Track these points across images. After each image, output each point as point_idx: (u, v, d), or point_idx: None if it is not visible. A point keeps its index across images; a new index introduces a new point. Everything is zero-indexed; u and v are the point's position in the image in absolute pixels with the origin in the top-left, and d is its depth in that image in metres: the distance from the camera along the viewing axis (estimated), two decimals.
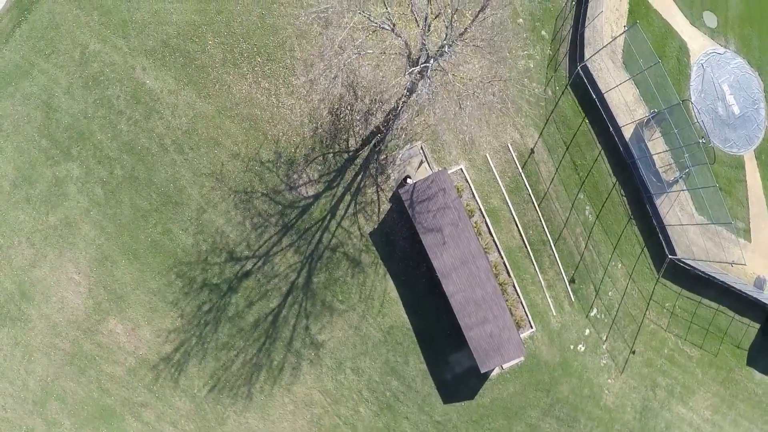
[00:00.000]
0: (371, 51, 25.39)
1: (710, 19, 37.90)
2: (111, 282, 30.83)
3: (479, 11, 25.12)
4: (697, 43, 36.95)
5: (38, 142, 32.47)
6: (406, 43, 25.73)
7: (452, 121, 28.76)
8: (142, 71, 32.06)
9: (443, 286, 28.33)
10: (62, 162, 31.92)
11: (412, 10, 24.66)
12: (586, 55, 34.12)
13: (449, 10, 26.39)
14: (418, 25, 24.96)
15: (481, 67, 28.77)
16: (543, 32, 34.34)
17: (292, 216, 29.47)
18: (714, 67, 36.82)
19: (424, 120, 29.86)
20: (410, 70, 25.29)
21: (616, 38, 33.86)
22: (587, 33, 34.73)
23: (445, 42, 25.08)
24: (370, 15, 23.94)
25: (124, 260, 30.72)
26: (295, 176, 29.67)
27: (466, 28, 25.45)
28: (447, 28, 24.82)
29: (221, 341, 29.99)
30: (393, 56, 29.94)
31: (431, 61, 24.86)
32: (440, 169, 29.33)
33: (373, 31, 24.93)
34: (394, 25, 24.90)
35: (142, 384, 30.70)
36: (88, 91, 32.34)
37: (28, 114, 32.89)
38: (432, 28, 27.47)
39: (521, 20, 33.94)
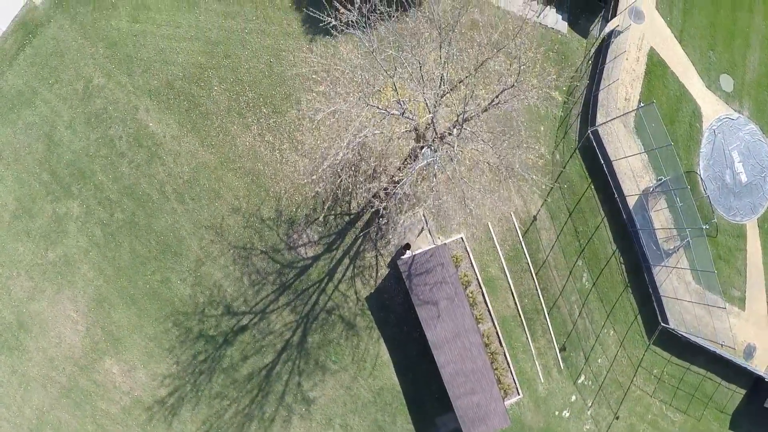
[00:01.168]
0: (379, 131, 25.01)
1: (727, 83, 37.15)
2: (108, 324, 31.19)
3: (489, 104, 24.67)
4: (711, 107, 36.32)
5: (39, 175, 32.26)
6: (416, 129, 25.37)
7: (456, 190, 28.57)
8: (145, 112, 31.56)
9: (435, 356, 28.73)
10: (63, 199, 31.80)
11: (424, 99, 24.19)
12: (598, 120, 33.58)
13: (463, 91, 25.90)
14: (429, 111, 24.52)
15: (490, 138, 28.34)
16: (555, 93, 33.68)
17: (290, 276, 29.59)
18: (725, 133, 36.29)
19: (428, 186, 29.65)
20: (422, 152, 25.03)
21: (628, 113, 33.30)
22: (601, 95, 34.08)
23: (453, 131, 24.69)
24: (378, 105, 23.49)
25: (122, 304, 31.00)
26: (295, 236, 29.64)
27: (477, 114, 25.03)
28: (458, 116, 24.41)
29: (215, 390, 30.58)
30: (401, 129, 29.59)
31: (438, 151, 24.58)
32: (440, 241, 29.31)
33: (383, 118, 24.52)
34: (404, 110, 24.47)
35: (136, 423, 31.45)
36: (91, 128, 31.92)
37: (30, 144, 32.56)
38: (444, 105, 27.02)
39: (535, 81, 33.17)
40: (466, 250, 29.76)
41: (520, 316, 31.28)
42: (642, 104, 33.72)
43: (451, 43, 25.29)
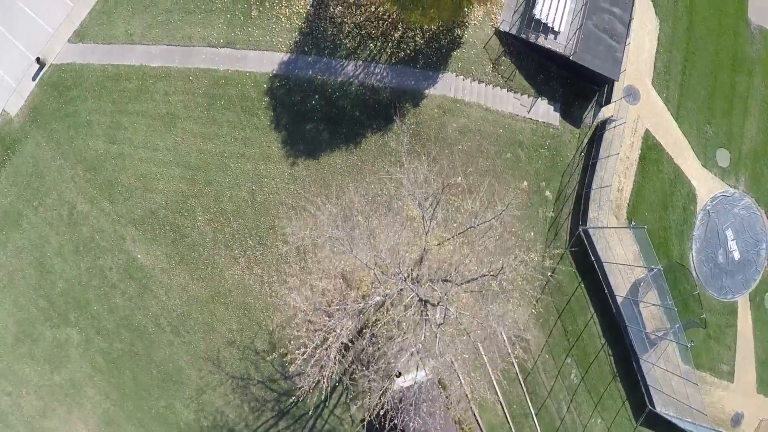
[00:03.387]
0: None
1: (723, 158, 36.21)
2: None
3: (470, 280, 24.58)
4: (706, 186, 35.64)
5: (35, 300, 32.79)
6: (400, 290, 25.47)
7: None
8: (132, 243, 31.52)
9: None
10: (61, 326, 32.50)
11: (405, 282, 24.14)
12: (590, 217, 33.14)
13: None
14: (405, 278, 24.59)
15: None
16: (547, 193, 33.07)
17: (288, 402, 30.66)
18: (720, 212, 35.82)
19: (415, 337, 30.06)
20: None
21: (619, 227, 32.89)
22: (594, 186, 33.34)
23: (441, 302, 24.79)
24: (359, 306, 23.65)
25: (130, 426, 32.45)
26: (290, 366, 30.45)
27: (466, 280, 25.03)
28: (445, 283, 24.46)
29: None
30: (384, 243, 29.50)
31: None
32: (431, 374, 30.02)
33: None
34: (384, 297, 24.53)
35: None
36: (80, 257, 32.04)
37: (23, 269, 32.87)
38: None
39: (525, 183, 32.54)
40: (457, 374, 30.53)
41: (508, 422, 32.57)
42: (633, 224, 33.25)
43: (433, 217, 24.85)
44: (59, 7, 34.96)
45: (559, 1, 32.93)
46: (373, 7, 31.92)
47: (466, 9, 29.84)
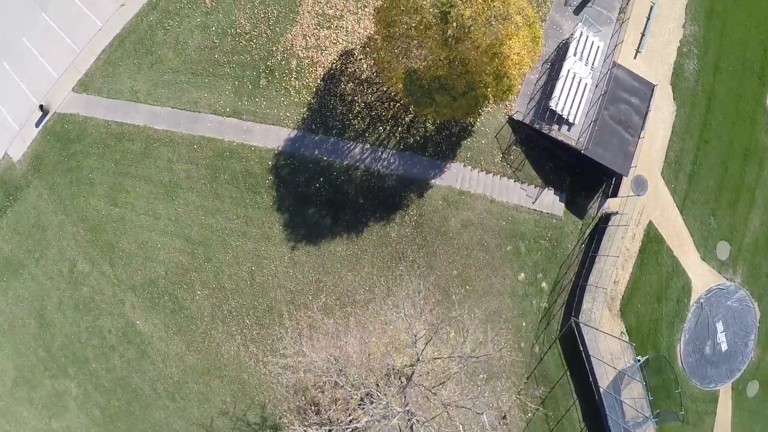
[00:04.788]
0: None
1: (723, 251, 36.28)
2: None
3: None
4: (702, 279, 35.86)
5: (35, 350, 33.56)
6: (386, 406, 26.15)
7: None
8: (131, 308, 31.97)
9: None
10: (60, 377, 33.39)
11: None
12: (583, 311, 33.46)
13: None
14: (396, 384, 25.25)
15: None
16: (543, 284, 33.30)
17: None
18: (713, 304, 36.19)
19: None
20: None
21: (610, 335, 33.28)
22: (591, 279, 33.52)
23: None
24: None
25: None
26: None
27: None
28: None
29: None
30: (380, 333, 30.09)
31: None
32: None
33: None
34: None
35: None
36: (80, 315, 32.58)
37: (23, 318, 33.49)
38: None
39: (522, 275, 32.72)
40: None
41: None
42: (640, 359, 33.50)
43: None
44: (65, 51, 34.11)
45: (576, 93, 32.16)
46: (386, 86, 31.14)
47: (481, 107, 29.17)
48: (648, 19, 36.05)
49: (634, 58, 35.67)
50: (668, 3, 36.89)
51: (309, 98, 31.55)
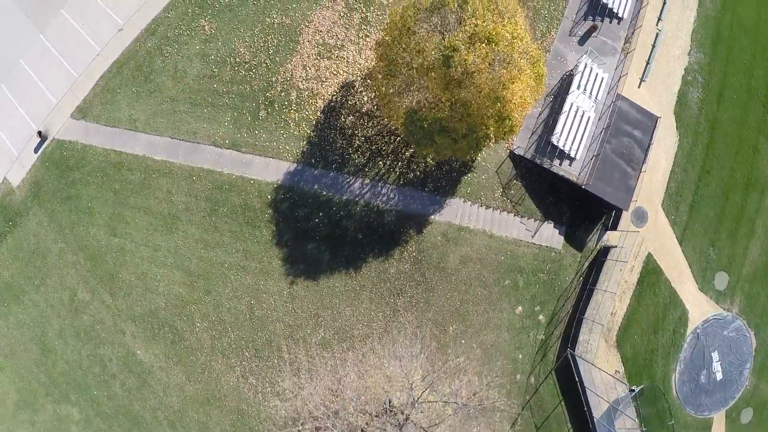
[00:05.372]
0: None
1: (721, 281, 36.36)
2: None
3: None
4: (699, 310, 36.00)
5: (37, 375, 33.96)
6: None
7: None
8: (132, 338, 32.23)
9: None
10: (62, 402, 33.83)
11: None
12: (580, 342, 33.67)
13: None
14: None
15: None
16: (541, 317, 33.46)
17: None
18: (709, 335, 36.40)
19: None
20: None
21: (605, 372, 33.49)
22: (588, 313, 33.67)
23: None
24: None
25: None
26: None
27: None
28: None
29: None
30: (377, 368, 30.39)
31: None
32: None
33: None
34: None
35: None
36: (81, 343, 32.87)
37: (24, 343, 33.82)
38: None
39: (520, 308, 32.86)
40: None
41: None
42: (634, 389, 33.71)
43: None
44: (63, 76, 33.85)
45: (579, 127, 31.89)
46: (386, 120, 30.87)
47: (482, 147, 28.95)
48: (653, 46, 35.60)
49: (638, 86, 35.30)
50: (674, 30, 36.40)
51: (309, 131, 31.33)
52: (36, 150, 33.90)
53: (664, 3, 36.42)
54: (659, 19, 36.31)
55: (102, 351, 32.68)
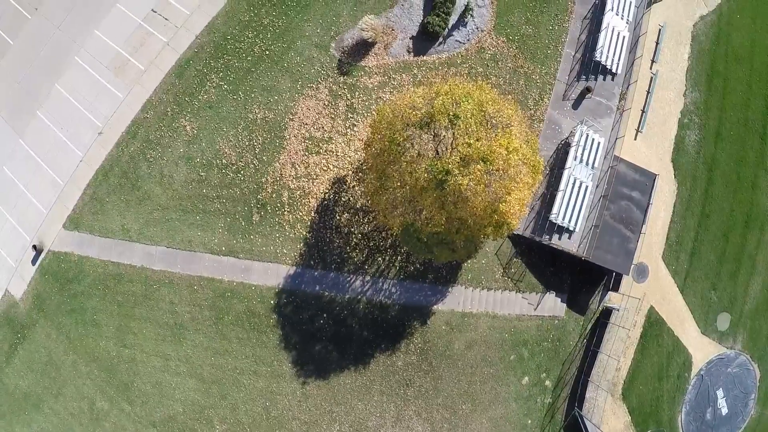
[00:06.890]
0: None
1: (723, 322, 36.92)
2: None
3: None
4: (702, 352, 36.76)
5: None
6: None
7: None
8: None
9: None
10: None
11: None
12: (587, 400, 34.59)
13: None
14: None
15: None
16: (547, 382, 34.22)
17: None
18: (713, 375, 37.30)
19: None
20: None
21: None
22: (593, 375, 34.43)
23: None
24: None
25: None
26: None
27: None
28: None
29: None
30: None
31: None
32: None
33: None
34: None
35: None
36: None
37: None
38: None
39: (526, 379, 33.57)
40: None
41: None
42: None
43: None
44: (48, 184, 33.37)
45: (577, 200, 31.48)
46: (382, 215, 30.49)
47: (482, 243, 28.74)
48: (648, 92, 34.61)
49: (635, 138, 34.60)
50: (668, 71, 35.28)
51: (304, 232, 31.03)
52: (33, 262, 33.75)
53: (657, 43, 35.15)
54: (653, 61, 35.12)
55: None
